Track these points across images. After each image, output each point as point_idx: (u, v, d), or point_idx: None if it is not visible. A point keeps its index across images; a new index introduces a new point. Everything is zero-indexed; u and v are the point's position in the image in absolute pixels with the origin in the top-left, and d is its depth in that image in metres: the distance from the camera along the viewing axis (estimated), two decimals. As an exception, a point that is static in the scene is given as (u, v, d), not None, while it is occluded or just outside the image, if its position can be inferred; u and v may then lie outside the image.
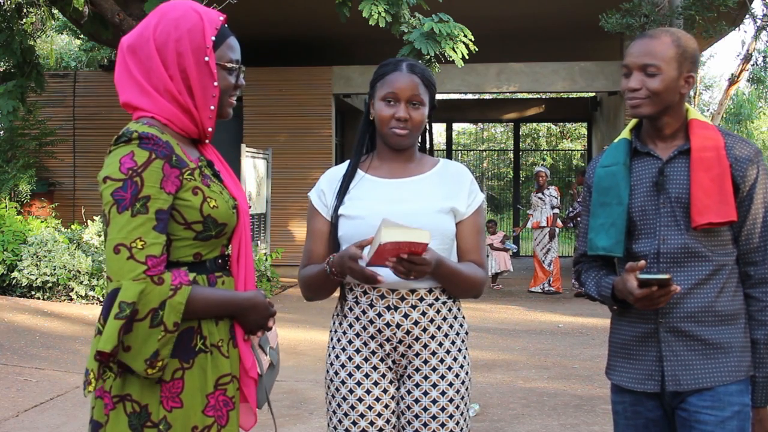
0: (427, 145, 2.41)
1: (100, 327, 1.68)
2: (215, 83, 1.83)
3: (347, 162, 2.36)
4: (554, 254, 11.28)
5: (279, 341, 2.08)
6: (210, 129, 1.87)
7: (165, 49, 1.79)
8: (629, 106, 2.16)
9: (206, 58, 1.80)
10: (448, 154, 19.03)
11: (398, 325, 2.19)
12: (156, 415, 1.74)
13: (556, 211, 11.26)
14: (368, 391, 2.21)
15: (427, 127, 2.38)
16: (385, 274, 2.13)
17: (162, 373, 1.72)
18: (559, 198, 11.47)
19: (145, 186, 1.69)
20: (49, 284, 8.66)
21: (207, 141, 1.93)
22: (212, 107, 1.84)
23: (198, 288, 1.77)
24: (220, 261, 1.89)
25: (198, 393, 1.79)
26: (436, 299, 2.22)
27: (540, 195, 11.38)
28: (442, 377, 2.21)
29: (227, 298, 1.85)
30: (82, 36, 16.17)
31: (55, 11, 10.24)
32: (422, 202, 2.22)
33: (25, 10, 10.04)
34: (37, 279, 8.59)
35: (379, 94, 2.25)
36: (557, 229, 11.35)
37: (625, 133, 2.27)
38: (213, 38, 1.82)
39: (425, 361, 2.21)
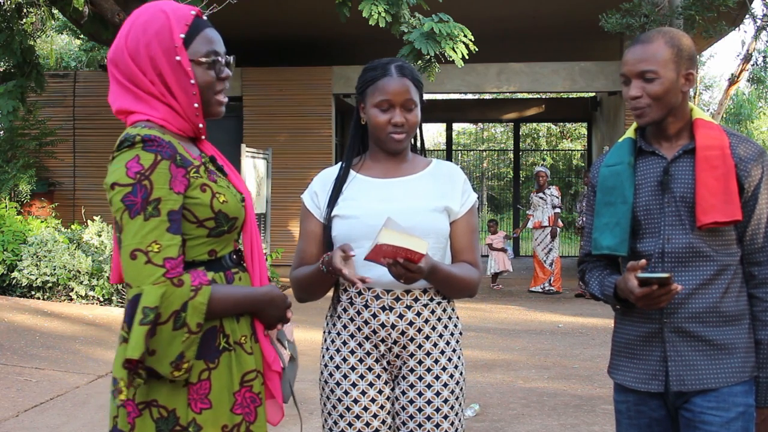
0: (419, 145, 2.40)
1: (124, 335, 1.66)
2: (192, 81, 1.79)
3: (339, 164, 2.35)
4: (555, 254, 11.27)
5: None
6: (201, 125, 1.85)
7: (137, 56, 1.77)
8: (634, 115, 2.15)
9: (177, 58, 1.77)
10: (448, 154, 19.02)
11: (393, 326, 2.19)
12: (184, 418, 1.73)
13: (558, 210, 11.24)
14: (363, 393, 2.21)
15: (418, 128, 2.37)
16: (379, 274, 2.12)
17: (189, 375, 1.71)
18: (560, 197, 11.45)
19: (155, 188, 1.67)
20: (49, 284, 8.65)
21: (203, 137, 1.91)
22: (195, 105, 1.81)
23: (217, 287, 1.76)
24: (234, 257, 1.88)
25: (225, 392, 1.77)
26: (431, 299, 2.22)
27: (541, 195, 11.34)
28: (437, 378, 2.21)
29: (245, 294, 1.84)
30: (82, 36, 16.17)
31: (55, 11, 10.23)
32: (416, 201, 2.22)
33: (25, 10, 10.04)
34: (37, 279, 8.58)
35: (371, 100, 2.23)
36: (558, 229, 11.34)
37: (630, 133, 2.27)
38: (182, 36, 1.78)
39: (420, 362, 2.21)
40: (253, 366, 1.84)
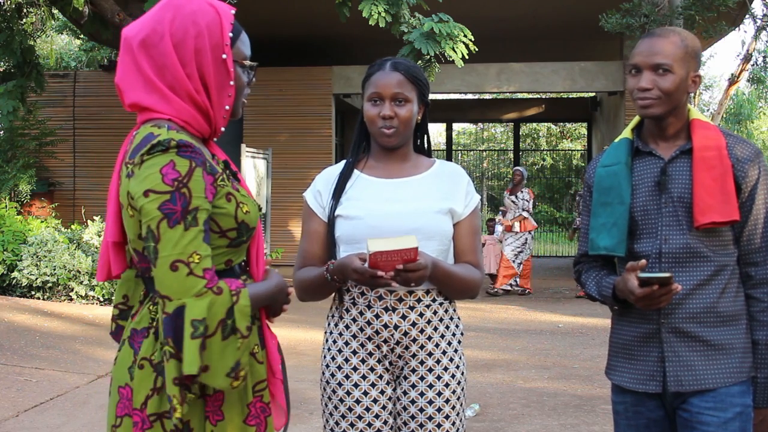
0: (425, 146, 2.39)
1: (171, 350, 1.58)
2: (231, 82, 1.76)
3: (342, 162, 2.35)
4: (526, 256, 10.95)
5: (279, 341, 2.07)
6: (222, 129, 1.80)
7: (183, 46, 1.69)
8: (639, 106, 2.13)
9: (224, 56, 1.73)
10: (448, 154, 19.04)
11: (396, 327, 2.19)
12: (200, 430, 1.68)
13: (526, 214, 10.86)
14: (366, 393, 2.21)
15: (422, 125, 2.35)
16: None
17: (245, 382, 1.67)
18: (531, 201, 11.04)
19: (193, 197, 1.60)
20: (49, 284, 8.66)
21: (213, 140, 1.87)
22: (227, 107, 1.77)
23: (249, 287, 1.71)
24: (243, 263, 1.84)
25: (237, 403, 1.73)
26: (433, 300, 2.22)
27: (513, 198, 11.04)
28: (439, 378, 2.21)
29: (265, 291, 1.79)
30: (82, 36, 16.18)
31: (55, 11, 10.24)
32: (420, 203, 2.22)
33: (25, 10, 10.04)
34: (37, 279, 8.59)
35: (365, 95, 2.25)
36: (532, 233, 10.99)
37: (627, 133, 2.26)
38: (230, 35, 1.74)
39: (421, 362, 2.21)
40: (264, 375, 1.80)
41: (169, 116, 1.70)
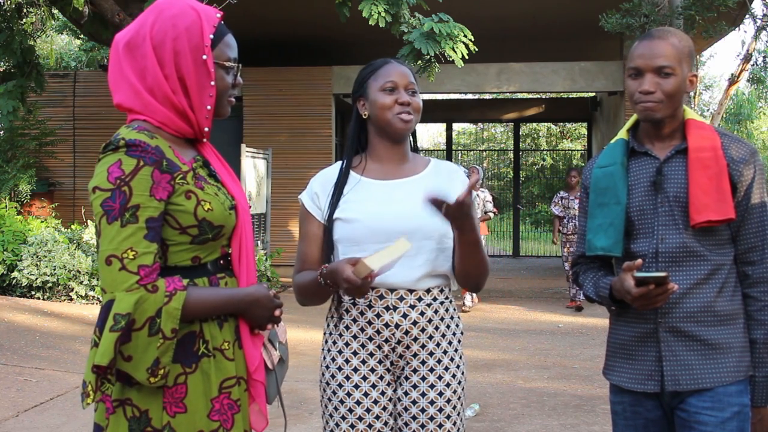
0: (414, 144, 2.40)
1: (96, 339, 1.66)
2: (212, 83, 1.79)
3: (338, 163, 2.33)
4: None
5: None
6: (207, 129, 1.84)
7: (161, 48, 1.75)
8: (642, 109, 2.12)
9: (204, 57, 1.77)
10: (448, 154, 19.02)
11: (397, 326, 2.18)
12: (158, 420, 1.73)
13: (491, 215, 10.01)
14: (366, 394, 2.20)
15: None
16: (385, 275, 2.12)
17: (165, 381, 1.71)
18: (492, 202, 10.19)
19: (134, 195, 1.66)
20: (49, 284, 8.66)
21: (205, 140, 1.90)
22: (209, 107, 1.81)
23: (195, 290, 1.75)
24: (221, 262, 1.86)
25: (202, 397, 1.77)
26: (434, 299, 2.22)
27: (475, 196, 9.92)
28: (440, 378, 2.21)
29: (226, 296, 1.82)
30: (82, 36, 16.19)
31: (55, 11, 10.24)
32: (419, 203, 2.22)
33: (25, 10, 10.04)
34: (37, 279, 8.59)
35: (375, 86, 2.24)
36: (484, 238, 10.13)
37: (622, 134, 2.27)
38: (211, 36, 1.79)
39: (423, 362, 2.21)
40: (234, 373, 1.83)
41: (146, 117, 1.77)
